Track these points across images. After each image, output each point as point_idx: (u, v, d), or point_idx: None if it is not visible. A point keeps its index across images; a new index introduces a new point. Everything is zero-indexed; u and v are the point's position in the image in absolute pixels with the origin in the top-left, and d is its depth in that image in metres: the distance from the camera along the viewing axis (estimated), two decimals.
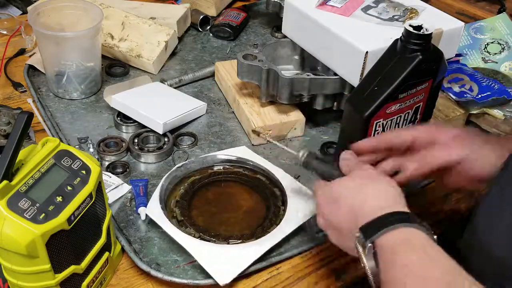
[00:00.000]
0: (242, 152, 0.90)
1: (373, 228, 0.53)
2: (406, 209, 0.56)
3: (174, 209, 0.79)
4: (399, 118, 0.80)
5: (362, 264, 0.53)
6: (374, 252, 0.53)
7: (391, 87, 0.74)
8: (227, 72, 1.08)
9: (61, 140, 0.73)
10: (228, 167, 0.88)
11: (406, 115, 0.80)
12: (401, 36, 0.74)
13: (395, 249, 0.52)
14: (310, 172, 0.78)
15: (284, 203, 0.81)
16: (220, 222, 0.79)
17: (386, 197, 0.58)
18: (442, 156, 0.65)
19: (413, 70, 0.73)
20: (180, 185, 0.83)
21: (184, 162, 0.86)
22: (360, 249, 0.53)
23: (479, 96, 0.99)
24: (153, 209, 0.77)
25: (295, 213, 0.78)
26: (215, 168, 0.88)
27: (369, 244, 0.52)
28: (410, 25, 0.72)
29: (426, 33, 0.71)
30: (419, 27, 0.72)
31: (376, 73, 0.77)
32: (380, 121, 0.77)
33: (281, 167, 0.87)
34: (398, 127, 0.80)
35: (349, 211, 0.58)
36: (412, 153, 0.68)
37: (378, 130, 0.78)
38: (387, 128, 0.79)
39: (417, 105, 0.80)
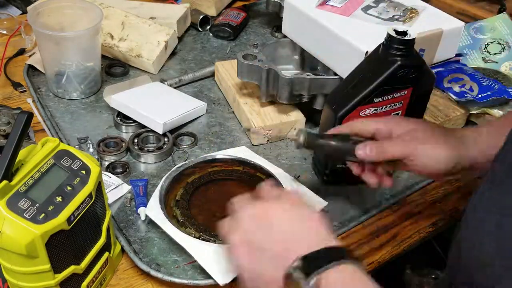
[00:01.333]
0: (242, 152, 0.90)
1: (315, 260, 0.48)
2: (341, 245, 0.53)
3: (174, 209, 0.79)
4: None
5: None
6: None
7: (366, 90, 0.74)
8: (227, 72, 1.08)
9: (60, 140, 0.73)
10: (227, 166, 0.88)
11: None
12: (383, 40, 0.73)
13: (345, 285, 0.48)
14: (313, 153, 0.76)
15: None
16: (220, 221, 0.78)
17: (323, 232, 0.54)
18: (390, 151, 0.67)
19: (391, 75, 0.73)
20: (180, 185, 0.83)
21: (184, 162, 0.86)
22: (299, 279, 0.48)
23: (479, 96, 0.99)
24: (153, 210, 0.77)
25: None
26: (215, 168, 0.88)
27: (315, 278, 0.47)
28: (394, 30, 0.71)
29: (407, 38, 0.70)
30: (404, 33, 0.71)
31: (355, 75, 0.77)
32: None
33: (281, 167, 0.87)
34: None
35: (283, 240, 0.52)
36: None
37: None
38: None
39: (395, 112, 0.79)
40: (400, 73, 0.73)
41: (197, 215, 0.79)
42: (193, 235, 0.74)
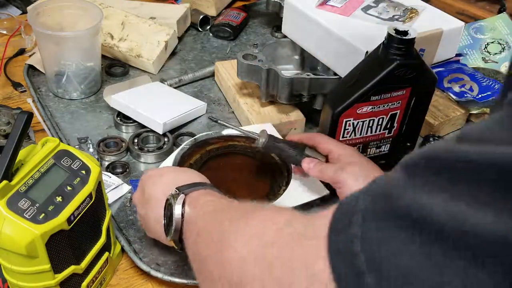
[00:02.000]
0: (267, 128, 0.90)
1: (187, 187, 0.61)
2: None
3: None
4: (371, 121, 0.80)
5: (169, 212, 0.59)
6: (183, 202, 0.59)
7: (363, 88, 0.75)
8: (227, 72, 1.08)
9: (60, 140, 0.73)
10: (248, 143, 0.90)
11: (380, 120, 0.81)
12: (384, 39, 0.74)
13: (201, 195, 0.59)
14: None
15: (287, 184, 0.82)
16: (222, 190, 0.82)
17: (203, 179, 0.67)
18: (326, 173, 0.74)
19: (389, 74, 0.73)
20: (199, 152, 0.87)
21: (208, 132, 0.90)
22: (172, 200, 0.59)
23: (479, 96, 0.99)
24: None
25: (292, 196, 0.79)
26: (235, 142, 0.90)
27: (182, 194, 0.59)
28: (395, 29, 0.72)
29: (406, 38, 0.71)
30: (405, 32, 0.71)
31: (354, 74, 0.78)
32: (350, 120, 0.78)
33: None
34: (371, 130, 0.82)
35: (167, 183, 0.64)
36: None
37: (348, 128, 0.80)
38: (358, 129, 0.80)
39: (393, 112, 0.80)
40: (398, 72, 0.73)
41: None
42: None
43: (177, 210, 0.58)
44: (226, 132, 0.90)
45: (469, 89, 1.02)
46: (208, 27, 1.31)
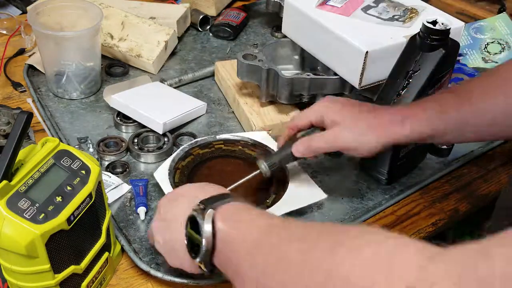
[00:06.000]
0: (262, 137, 0.91)
1: (213, 200, 0.56)
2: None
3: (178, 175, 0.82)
4: None
5: (201, 230, 0.53)
6: (212, 218, 0.54)
7: (421, 85, 0.76)
8: (227, 72, 1.08)
9: (60, 140, 0.73)
10: (238, 146, 0.90)
11: None
12: (418, 33, 0.76)
13: (238, 211, 0.55)
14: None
15: (284, 189, 0.80)
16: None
17: (222, 190, 0.63)
18: (315, 146, 0.72)
19: (439, 65, 0.76)
20: (190, 156, 0.87)
21: (203, 137, 0.89)
22: (198, 216, 0.54)
23: None
24: (160, 173, 0.81)
25: (290, 200, 0.78)
26: (228, 146, 0.90)
27: (210, 209, 0.54)
28: (427, 22, 0.75)
29: (446, 28, 0.75)
30: (434, 22, 0.75)
31: (401, 73, 0.79)
32: None
33: None
34: None
35: (189, 202, 0.59)
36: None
37: None
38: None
39: None
40: (446, 60, 0.77)
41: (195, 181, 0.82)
42: None
43: (206, 227, 0.52)
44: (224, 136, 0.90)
45: None
46: (208, 27, 1.31)
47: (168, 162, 0.83)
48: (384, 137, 0.69)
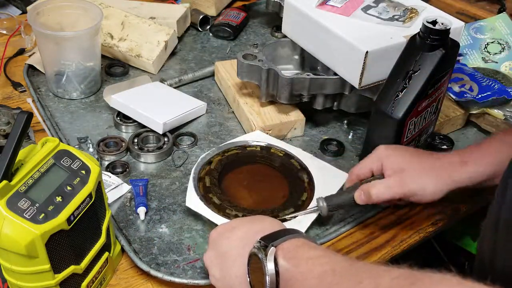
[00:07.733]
0: (259, 136, 0.91)
1: (273, 237, 0.57)
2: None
3: (209, 195, 0.80)
4: (426, 113, 0.83)
5: (264, 269, 0.54)
6: (274, 256, 0.54)
7: (421, 85, 0.77)
8: (227, 72, 1.08)
9: (60, 140, 0.73)
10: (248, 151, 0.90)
11: (431, 108, 0.83)
12: (418, 33, 0.77)
13: (298, 248, 0.55)
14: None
15: (309, 197, 0.81)
16: (255, 201, 0.81)
17: (279, 224, 0.63)
18: (375, 194, 0.72)
19: (438, 65, 0.76)
20: (205, 172, 0.84)
21: (206, 153, 0.87)
22: (260, 254, 0.55)
23: (479, 96, 0.99)
24: (192, 200, 0.78)
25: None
26: (239, 152, 0.89)
27: (272, 247, 0.54)
28: (427, 21, 0.75)
29: (446, 28, 0.75)
30: (434, 22, 0.75)
31: (400, 73, 0.79)
32: (412, 120, 0.80)
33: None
34: (425, 121, 0.84)
35: (242, 237, 0.61)
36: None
37: (411, 128, 0.81)
38: (417, 124, 0.82)
39: (440, 96, 0.83)
40: (445, 60, 0.77)
41: (234, 196, 0.81)
42: (235, 215, 0.76)
43: (270, 266, 0.53)
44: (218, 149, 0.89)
45: (469, 89, 1.02)
46: (208, 27, 1.31)
47: (191, 188, 0.81)
48: (448, 184, 0.71)
